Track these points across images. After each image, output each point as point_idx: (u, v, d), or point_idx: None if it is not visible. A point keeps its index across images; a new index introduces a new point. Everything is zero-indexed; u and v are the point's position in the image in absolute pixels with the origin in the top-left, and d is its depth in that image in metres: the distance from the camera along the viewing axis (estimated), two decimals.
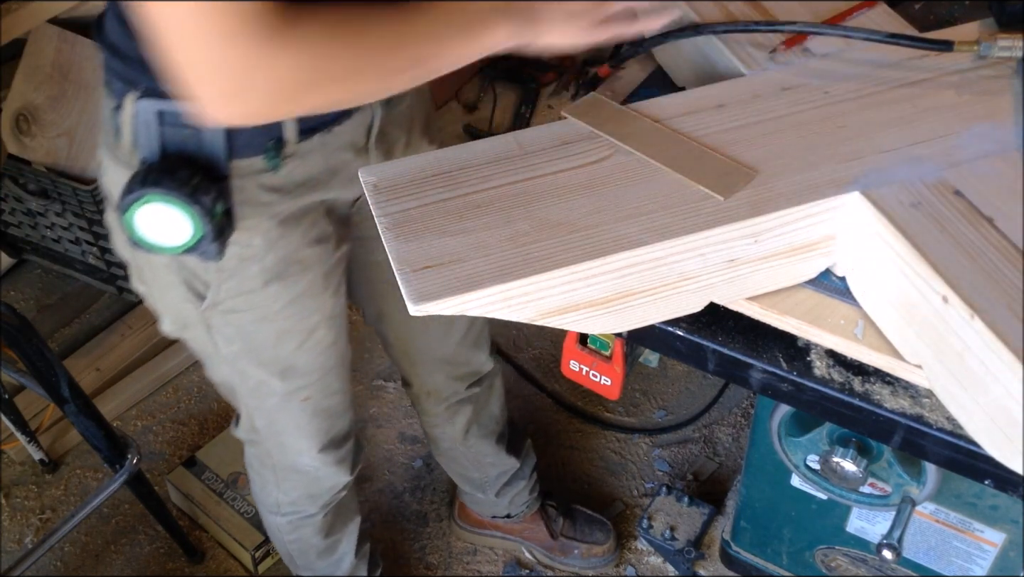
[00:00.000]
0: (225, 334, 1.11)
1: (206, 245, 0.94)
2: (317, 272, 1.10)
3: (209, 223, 0.92)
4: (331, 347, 1.18)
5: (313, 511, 1.38)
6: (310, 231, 1.06)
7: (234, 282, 1.04)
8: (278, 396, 1.19)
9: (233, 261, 1.02)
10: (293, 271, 1.07)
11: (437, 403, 1.46)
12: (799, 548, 1.39)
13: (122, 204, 0.92)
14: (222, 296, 1.05)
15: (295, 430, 1.25)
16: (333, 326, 1.17)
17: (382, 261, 1.22)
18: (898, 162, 0.83)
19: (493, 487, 1.64)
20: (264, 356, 1.14)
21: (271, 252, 1.03)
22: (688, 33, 1.01)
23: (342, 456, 1.33)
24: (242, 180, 0.97)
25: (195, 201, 0.90)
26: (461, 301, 0.75)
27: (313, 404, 1.22)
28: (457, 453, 1.58)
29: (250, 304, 1.07)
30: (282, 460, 1.31)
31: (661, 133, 0.88)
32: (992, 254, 0.74)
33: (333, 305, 1.15)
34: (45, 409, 1.94)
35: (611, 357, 1.04)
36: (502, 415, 1.57)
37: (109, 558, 1.83)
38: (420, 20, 0.83)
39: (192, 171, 0.92)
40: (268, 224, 1.01)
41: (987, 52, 0.92)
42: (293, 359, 1.15)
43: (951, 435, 0.79)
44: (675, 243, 0.78)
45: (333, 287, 1.14)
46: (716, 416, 2.01)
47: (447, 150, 0.89)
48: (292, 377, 1.17)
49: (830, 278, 0.87)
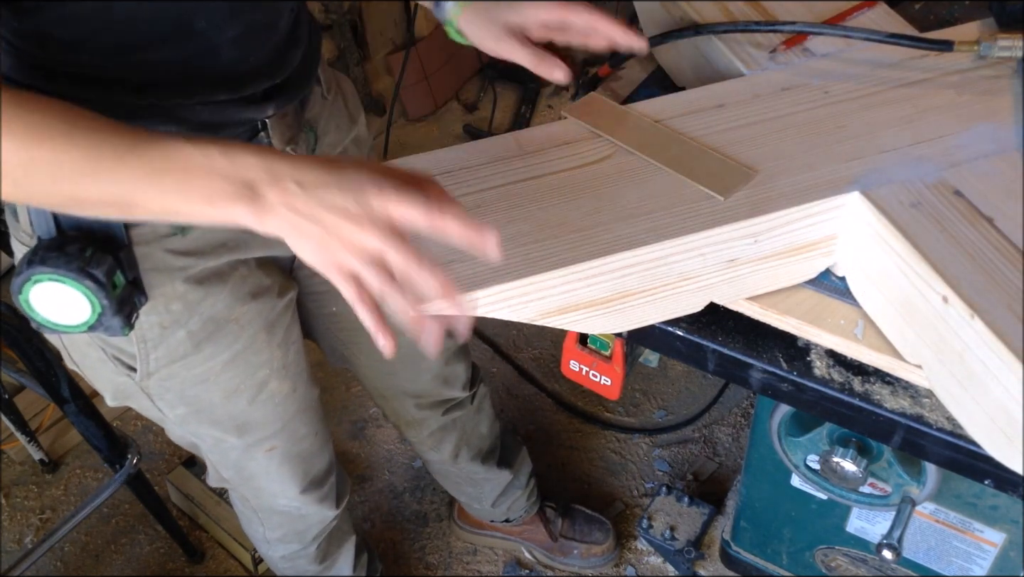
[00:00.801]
0: (168, 400, 1.06)
1: (108, 320, 0.88)
2: (258, 326, 1.04)
3: (106, 297, 0.86)
4: (288, 396, 1.13)
5: (303, 545, 1.36)
6: (241, 287, 1.01)
7: (162, 351, 0.99)
8: (239, 450, 1.15)
9: (155, 330, 0.97)
10: (229, 329, 1.01)
11: (418, 432, 1.44)
12: (799, 548, 1.39)
13: (13, 285, 0.86)
14: (153, 366, 1.00)
15: (265, 477, 1.21)
16: (287, 376, 1.11)
17: (337, 312, 1.21)
18: (898, 162, 0.83)
19: (488, 498, 1.64)
20: (215, 415, 1.09)
21: (195, 315, 0.98)
22: (688, 33, 1.01)
23: (324, 493, 1.30)
24: (147, 247, 0.92)
25: (86, 276, 0.85)
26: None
27: (280, 452, 1.18)
28: (449, 473, 1.58)
29: (187, 368, 1.02)
30: (260, 503, 1.28)
31: (661, 133, 0.88)
32: (992, 254, 0.74)
33: (284, 355, 1.09)
34: (45, 409, 1.94)
35: (611, 357, 1.04)
36: (491, 433, 1.55)
37: (109, 558, 1.83)
38: (136, 163, 0.68)
39: (84, 244, 0.86)
40: (184, 287, 0.96)
41: (987, 52, 0.92)
42: (247, 415, 1.10)
43: (951, 435, 0.79)
44: (675, 243, 0.78)
45: (279, 338, 1.08)
46: (716, 416, 2.01)
47: (447, 150, 0.89)
48: (250, 432, 1.13)
49: (830, 278, 0.87)
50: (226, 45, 0.86)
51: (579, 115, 0.91)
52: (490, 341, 2.17)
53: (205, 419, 1.09)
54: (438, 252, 0.77)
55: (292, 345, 1.11)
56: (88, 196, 0.69)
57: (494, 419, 1.55)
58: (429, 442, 1.46)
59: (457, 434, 1.46)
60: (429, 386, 1.37)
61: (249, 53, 0.89)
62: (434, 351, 0.72)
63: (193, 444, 1.17)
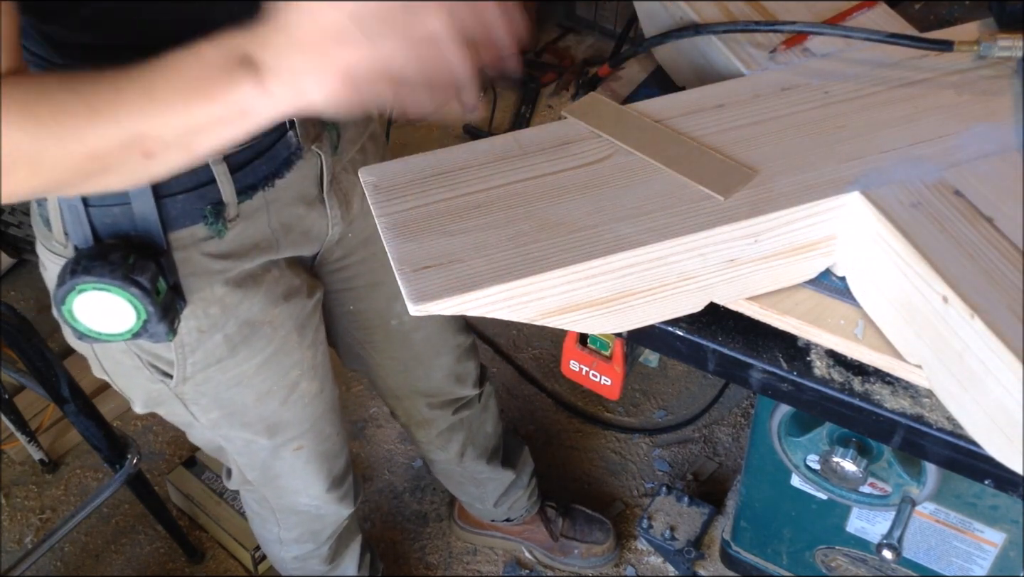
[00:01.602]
0: (202, 405, 1.06)
1: (153, 327, 0.88)
2: (289, 328, 1.05)
3: (151, 304, 0.86)
4: (317, 396, 1.15)
5: (316, 545, 1.37)
6: (275, 288, 1.02)
7: (199, 355, 0.99)
8: (268, 451, 1.16)
9: (193, 335, 0.97)
10: (262, 332, 1.02)
11: (427, 432, 1.45)
12: (799, 548, 1.39)
13: (56, 297, 0.86)
14: (190, 371, 1.01)
15: (291, 475, 1.23)
16: (316, 376, 1.12)
17: (354, 311, 1.22)
18: (898, 162, 0.83)
19: (490, 498, 1.64)
20: (247, 418, 1.10)
21: (232, 318, 0.98)
22: (688, 33, 1.01)
23: (344, 492, 1.32)
24: (185, 252, 0.92)
25: (131, 283, 0.84)
26: (461, 301, 0.75)
27: (307, 452, 1.19)
28: (453, 472, 1.58)
29: (222, 372, 1.02)
30: (280, 503, 1.29)
31: (661, 133, 0.88)
32: (992, 254, 0.74)
33: (313, 356, 1.10)
34: (45, 409, 1.94)
35: (611, 357, 1.04)
36: (496, 432, 1.56)
37: (109, 558, 1.83)
38: (130, 87, 0.64)
39: (126, 252, 0.86)
40: (223, 291, 0.96)
41: (987, 52, 0.92)
42: (278, 416, 1.12)
43: (951, 435, 0.79)
44: (675, 243, 0.78)
45: (310, 339, 1.09)
46: (716, 416, 2.01)
47: (447, 150, 0.89)
48: (280, 432, 1.14)
49: (830, 278, 0.87)
50: None
51: (579, 115, 0.91)
52: (490, 341, 2.17)
53: (237, 422, 1.10)
54: (446, 250, 0.77)
55: (320, 345, 1.12)
56: (99, 148, 0.64)
57: (499, 418, 1.56)
58: (437, 442, 1.46)
59: (464, 433, 1.47)
60: (442, 384, 1.37)
61: None
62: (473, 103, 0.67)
63: (219, 447, 1.18)
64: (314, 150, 1.00)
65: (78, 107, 0.64)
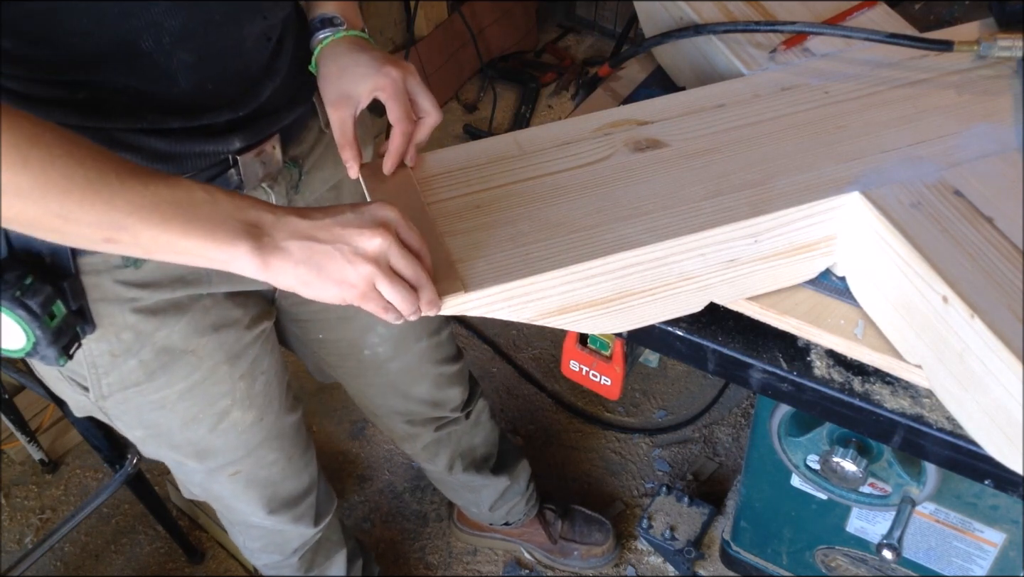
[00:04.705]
0: (125, 421, 1.03)
1: (43, 349, 0.86)
2: (219, 358, 1.01)
3: (39, 328, 0.84)
4: (254, 425, 1.09)
5: (284, 556, 1.35)
6: (202, 319, 0.98)
7: (114, 377, 0.97)
8: (201, 474, 1.13)
9: (105, 357, 0.95)
10: (186, 360, 0.98)
11: (412, 445, 1.43)
12: (799, 548, 1.39)
13: None
14: (106, 391, 0.98)
15: (232, 498, 1.19)
16: (253, 406, 1.07)
17: (324, 339, 1.19)
18: (898, 162, 0.83)
19: (486, 503, 1.63)
20: (173, 440, 1.06)
21: (147, 345, 0.95)
22: (688, 33, 1.01)
23: (300, 513, 1.27)
24: (97, 277, 0.89)
25: (19, 305, 0.82)
26: (461, 301, 0.75)
27: (245, 477, 1.15)
28: (445, 481, 1.57)
29: (141, 395, 0.99)
30: (234, 518, 1.27)
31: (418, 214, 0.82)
32: (992, 254, 0.74)
33: (248, 386, 1.05)
34: (45, 409, 1.94)
35: (611, 357, 1.04)
36: (488, 442, 1.53)
37: (109, 558, 1.83)
38: (134, 181, 0.68)
39: (22, 273, 0.83)
40: (135, 318, 0.93)
41: (987, 52, 0.92)
42: (207, 442, 1.07)
43: (951, 435, 0.79)
44: (675, 243, 0.78)
45: (243, 369, 1.04)
46: (716, 416, 2.01)
47: (447, 150, 0.89)
48: (211, 458, 1.10)
49: (830, 278, 0.87)
50: (181, 70, 0.83)
51: (366, 175, 0.87)
52: (490, 341, 2.17)
53: (164, 443, 1.07)
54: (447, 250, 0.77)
55: (260, 376, 1.07)
56: (75, 216, 0.67)
57: (492, 429, 1.53)
58: (424, 455, 1.45)
59: (452, 447, 1.45)
60: (419, 408, 1.35)
61: (207, 81, 0.85)
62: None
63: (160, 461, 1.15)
64: (264, 188, 0.96)
65: (75, 178, 0.66)
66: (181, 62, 0.82)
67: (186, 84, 0.84)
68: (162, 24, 0.79)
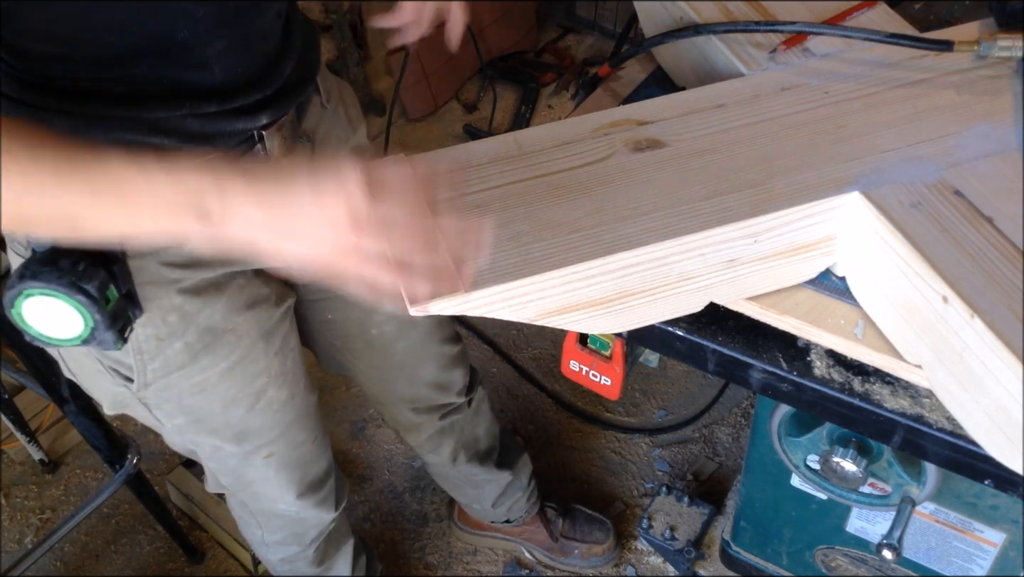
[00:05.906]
0: (166, 410, 1.05)
1: (101, 334, 0.86)
2: (254, 336, 1.04)
3: (98, 312, 0.85)
4: (287, 403, 1.13)
5: (301, 548, 1.37)
6: (238, 297, 1.00)
7: (159, 362, 0.98)
8: (237, 458, 1.16)
9: (151, 342, 0.96)
10: (226, 340, 1.01)
11: (416, 436, 1.44)
12: (799, 548, 1.39)
13: (6, 300, 0.85)
14: (150, 378, 1.00)
15: (264, 483, 1.22)
16: (285, 384, 1.11)
17: (332, 320, 1.21)
18: (898, 162, 0.83)
19: (489, 499, 1.64)
20: (213, 424, 1.09)
21: (191, 326, 0.97)
22: (688, 33, 1.01)
23: (323, 497, 1.30)
24: (141, 260, 0.91)
25: (78, 290, 0.83)
26: (461, 301, 0.75)
27: (278, 459, 1.18)
28: (448, 475, 1.58)
29: (185, 379, 1.01)
30: (259, 507, 1.29)
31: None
32: (992, 254, 0.74)
33: (281, 363, 1.09)
34: (45, 409, 1.94)
35: (611, 357, 1.04)
36: (489, 435, 1.55)
37: (109, 558, 1.83)
38: (69, 173, 0.67)
39: (76, 258, 0.84)
40: (180, 299, 0.95)
41: (987, 52, 0.92)
42: (245, 423, 1.10)
43: (951, 435, 0.79)
44: (675, 243, 0.78)
45: (277, 346, 1.07)
46: (716, 416, 2.01)
47: (447, 150, 0.89)
48: (248, 440, 1.13)
49: (830, 278, 0.87)
50: (214, 57, 0.85)
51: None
52: (490, 341, 2.17)
53: (204, 428, 1.09)
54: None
55: (290, 353, 1.11)
56: (33, 215, 0.68)
57: (492, 421, 1.55)
58: (427, 446, 1.46)
59: (455, 437, 1.46)
60: (425, 392, 1.37)
61: (238, 64, 0.88)
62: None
63: (191, 451, 1.17)
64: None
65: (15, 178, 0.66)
66: (214, 49, 0.85)
67: (220, 70, 0.87)
68: (195, 14, 0.82)
